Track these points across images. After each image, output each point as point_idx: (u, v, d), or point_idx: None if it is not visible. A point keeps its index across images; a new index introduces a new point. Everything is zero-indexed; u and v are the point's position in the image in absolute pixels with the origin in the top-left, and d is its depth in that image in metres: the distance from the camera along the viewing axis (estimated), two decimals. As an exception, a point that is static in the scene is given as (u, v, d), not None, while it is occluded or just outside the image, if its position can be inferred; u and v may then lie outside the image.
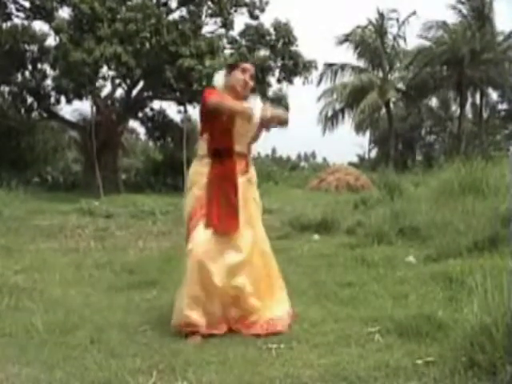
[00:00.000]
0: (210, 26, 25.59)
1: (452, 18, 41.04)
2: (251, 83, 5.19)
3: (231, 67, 5.23)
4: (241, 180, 5.12)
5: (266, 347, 4.57)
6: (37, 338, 4.83)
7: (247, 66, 5.24)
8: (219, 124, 5.01)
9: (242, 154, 5.19)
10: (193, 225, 5.02)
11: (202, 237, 4.90)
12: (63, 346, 4.63)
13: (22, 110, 27.09)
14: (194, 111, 26.85)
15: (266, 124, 5.09)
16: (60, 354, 4.42)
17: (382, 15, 41.65)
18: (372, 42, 41.06)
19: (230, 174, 5.07)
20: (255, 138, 5.32)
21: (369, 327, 4.94)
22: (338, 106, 44.50)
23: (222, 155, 5.09)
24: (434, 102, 49.74)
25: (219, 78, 5.23)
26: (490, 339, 3.75)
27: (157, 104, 29.34)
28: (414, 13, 40.74)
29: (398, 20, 41.68)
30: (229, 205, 5.01)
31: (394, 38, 42.03)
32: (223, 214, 4.97)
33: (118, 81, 25.86)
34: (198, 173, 5.14)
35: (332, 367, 4.07)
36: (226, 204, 5.01)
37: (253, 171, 5.39)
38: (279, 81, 26.00)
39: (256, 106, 4.96)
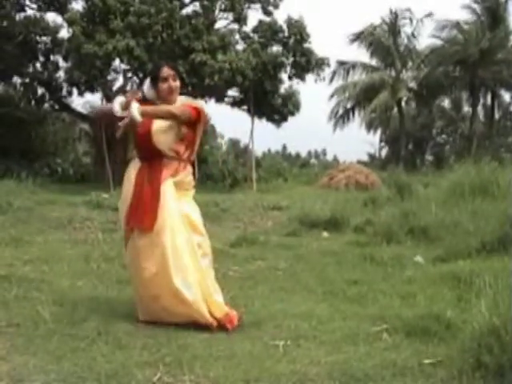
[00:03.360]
0: (223, 21, 25.60)
1: (466, 18, 40.75)
2: (175, 85, 5.27)
3: (153, 80, 5.30)
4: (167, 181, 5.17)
5: (273, 344, 4.57)
6: (44, 328, 4.83)
7: (165, 72, 5.26)
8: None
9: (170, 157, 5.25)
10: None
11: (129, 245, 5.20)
12: (70, 337, 4.63)
13: (33, 102, 27.11)
14: (205, 106, 26.82)
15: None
16: (67, 345, 4.43)
17: (395, 14, 41.54)
18: (385, 41, 40.92)
19: (155, 175, 5.17)
20: (183, 139, 5.27)
21: (376, 326, 4.93)
22: (349, 104, 44.40)
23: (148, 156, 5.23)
24: (446, 102, 49.61)
25: (147, 91, 5.36)
26: (498, 341, 3.74)
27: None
28: (430, 14, 40.56)
29: (411, 19, 41.58)
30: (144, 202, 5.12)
31: (408, 37, 41.92)
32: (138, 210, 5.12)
33: (129, 74, 25.89)
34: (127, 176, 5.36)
35: (339, 365, 4.07)
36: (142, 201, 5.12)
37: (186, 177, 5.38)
38: (291, 77, 25.95)
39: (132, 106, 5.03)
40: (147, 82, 5.40)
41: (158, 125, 5.14)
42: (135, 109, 4.93)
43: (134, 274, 5.23)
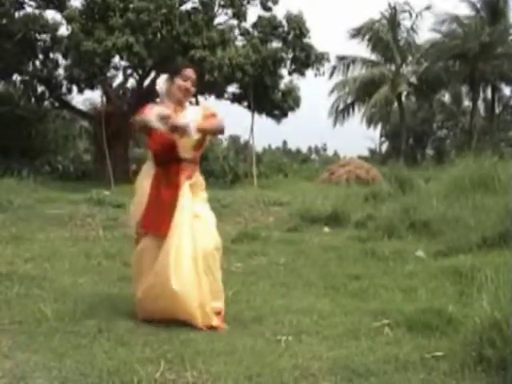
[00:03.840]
0: (223, 17, 25.54)
1: (466, 12, 40.63)
2: (192, 90, 5.30)
3: (174, 73, 5.28)
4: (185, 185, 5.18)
5: (275, 339, 4.58)
6: (46, 326, 4.84)
7: (189, 73, 5.28)
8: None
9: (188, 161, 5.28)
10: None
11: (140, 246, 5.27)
12: (72, 334, 4.64)
13: (33, 99, 27.08)
14: (205, 102, 26.74)
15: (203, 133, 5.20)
16: (69, 343, 4.43)
17: (394, 8, 41.48)
18: (384, 36, 40.84)
19: (173, 179, 5.19)
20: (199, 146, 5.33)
21: (378, 320, 4.94)
22: (349, 99, 44.35)
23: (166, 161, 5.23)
24: (446, 96, 49.53)
25: (161, 84, 5.33)
26: (499, 334, 3.75)
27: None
28: (429, 7, 40.47)
29: (410, 13, 41.51)
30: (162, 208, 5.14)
31: (407, 32, 41.85)
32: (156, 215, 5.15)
33: (129, 71, 25.88)
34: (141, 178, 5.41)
35: (341, 359, 4.07)
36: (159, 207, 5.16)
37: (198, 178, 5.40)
38: (290, 73, 25.92)
39: (189, 118, 5.08)
40: (163, 77, 5.36)
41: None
42: (192, 127, 4.96)
43: (139, 273, 5.23)
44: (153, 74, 25.33)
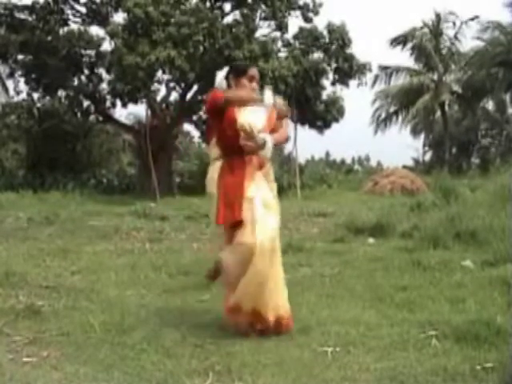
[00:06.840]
0: (264, 29, 25.63)
1: (509, 18, 40.08)
2: (256, 88, 5.37)
3: (239, 74, 5.33)
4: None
5: (322, 350, 4.55)
6: (94, 337, 4.88)
7: (254, 72, 5.37)
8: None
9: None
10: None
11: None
12: (120, 345, 4.68)
13: (79, 114, 27.45)
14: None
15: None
16: (117, 354, 4.47)
17: (438, 16, 41.17)
18: (427, 44, 40.56)
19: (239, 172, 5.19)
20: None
21: (425, 332, 4.88)
22: (392, 109, 44.13)
23: (233, 154, 5.24)
24: (490, 104, 48.96)
25: (222, 80, 5.37)
26: (550, 345, 3.69)
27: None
28: (475, 17, 39.98)
29: (454, 23, 41.13)
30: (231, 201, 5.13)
31: (450, 40, 41.51)
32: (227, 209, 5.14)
33: (172, 84, 26.09)
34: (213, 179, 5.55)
35: (389, 371, 4.04)
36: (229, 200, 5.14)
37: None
38: (333, 83, 25.89)
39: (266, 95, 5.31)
40: (222, 74, 5.41)
41: None
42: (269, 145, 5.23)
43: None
44: (195, 87, 25.51)
